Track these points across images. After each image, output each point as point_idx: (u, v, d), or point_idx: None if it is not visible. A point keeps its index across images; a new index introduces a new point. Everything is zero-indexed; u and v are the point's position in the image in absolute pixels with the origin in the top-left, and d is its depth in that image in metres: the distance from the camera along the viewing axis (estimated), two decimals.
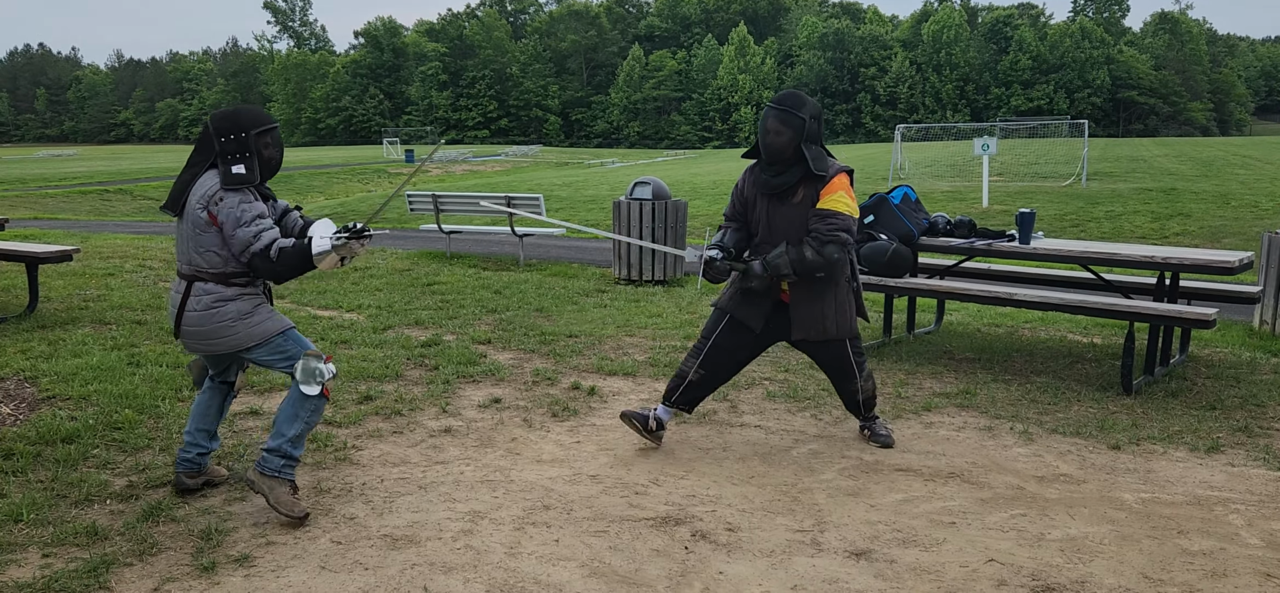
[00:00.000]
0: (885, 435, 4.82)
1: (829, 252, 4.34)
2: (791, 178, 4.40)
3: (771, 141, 4.38)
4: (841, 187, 4.39)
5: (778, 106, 4.39)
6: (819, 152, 4.42)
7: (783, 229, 4.46)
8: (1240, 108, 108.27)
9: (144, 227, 20.01)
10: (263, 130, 3.84)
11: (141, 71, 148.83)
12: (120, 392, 5.47)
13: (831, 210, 4.36)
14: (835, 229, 4.34)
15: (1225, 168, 28.66)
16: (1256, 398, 5.54)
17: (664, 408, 4.76)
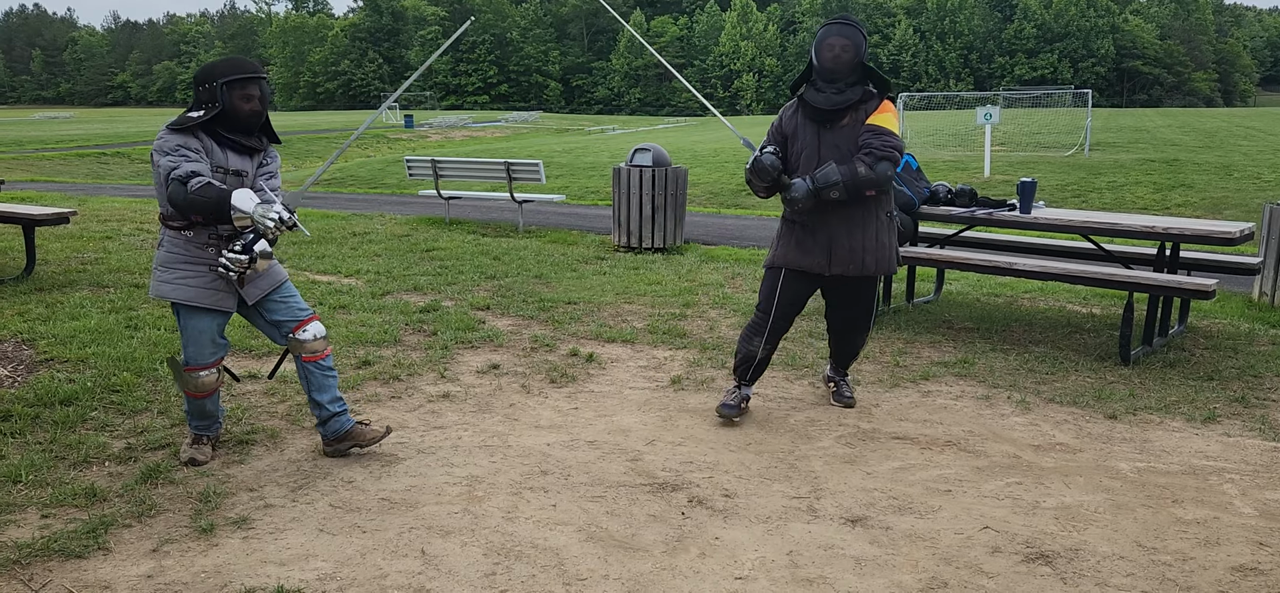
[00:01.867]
0: (850, 396, 4.89)
1: (882, 169, 4.24)
2: (853, 95, 4.31)
3: (838, 56, 4.28)
4: (891, 109, 4.34)
5: (841, 23, 4.35)
6: (874, 71, 4.40)
7: (828, 154, 4.36)
8: (1245, 79, 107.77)
9: (141, 190, 19.95)
10: (234, 79, 3.74)
11: (138, 33, 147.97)
12: (118, 354, 5.47)
13: (884, 127, 4.28)
14: (888, 146, 4.25)
15: (1228, 139, 28.55)
16: (1254, 369, 5.55)
17: (745, 388, 4.74)
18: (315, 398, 4.06)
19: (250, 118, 3.81)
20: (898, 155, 4.29)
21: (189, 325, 3.93)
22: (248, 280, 3.87)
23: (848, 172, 4.24)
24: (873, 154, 4.25)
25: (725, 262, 9.20)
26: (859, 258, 4.44)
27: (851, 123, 4.34)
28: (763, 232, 12.24)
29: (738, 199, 18.50)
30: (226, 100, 3.75)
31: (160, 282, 3.89)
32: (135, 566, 3.20)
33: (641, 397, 5.08)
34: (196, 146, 3.74)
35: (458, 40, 69.67)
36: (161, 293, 3.89)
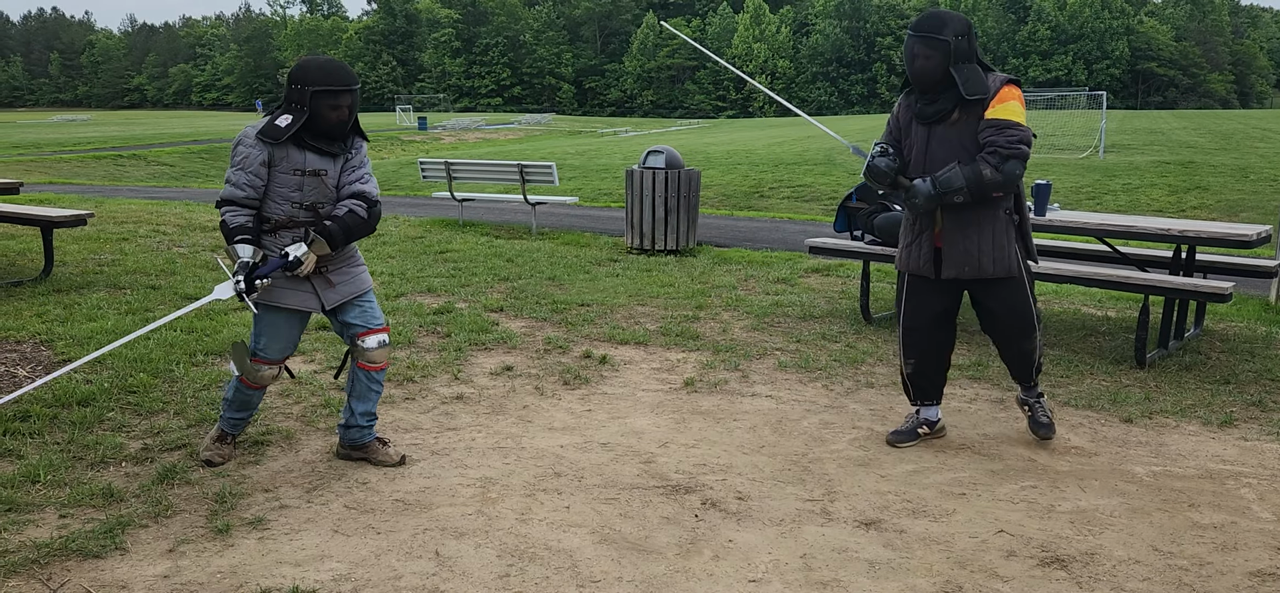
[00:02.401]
0: (1047, 422, 4.37)
1: (1010, 169, 3.90)
2: (947, 103, 4.01)
3: (920, 67, 4.01)
4: (1013, 96, 3.96)
5: (918, 32, 4.03)
6: (972, 70, 4.01)
7: (938, 156, 4.05)
8: (1262, 80, 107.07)
9: (158, 192, 20.08)
10: (322, 90, 3.70)
11: (154, 36, 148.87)
12: (135, 356, 5.51)
13: (1006, 120, 3.92)
14: (1015, 142, 3.90)
15: (1245, 141, 28.37)
16: (1271, 372, 5.51)
17: (921, 409, 4.46)
18: (353, 404, 4.07)
19: (336, 127, 3.78)
20: (1026, 150, 3.94)
21: (266, 318, 3.93)
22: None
23: (972, 174, 3.93)
24: (998, 153, 3.91)
25: (738, 264, 9.19)
26: (975, 260, 4.09)
27: (963, 118, 4.01)
28: (775, 234, 12.23)
29: (750, 201, 18.50)
30: (315, 108, 3.73)
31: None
32: (152, 566, 3.22)
33: (654, 399, 5.08)
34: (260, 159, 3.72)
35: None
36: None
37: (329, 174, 3.85)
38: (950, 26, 4.00)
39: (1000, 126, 3.93)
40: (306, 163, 3.78)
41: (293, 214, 3.81)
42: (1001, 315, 4.21)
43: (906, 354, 4.37)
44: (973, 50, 4.05)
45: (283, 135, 3.71)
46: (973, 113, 4.00)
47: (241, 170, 3.74)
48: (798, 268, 8.91)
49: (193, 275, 8.13)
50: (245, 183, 3.74)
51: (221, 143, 38.64)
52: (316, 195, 3.84)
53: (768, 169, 22.75)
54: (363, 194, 3.90)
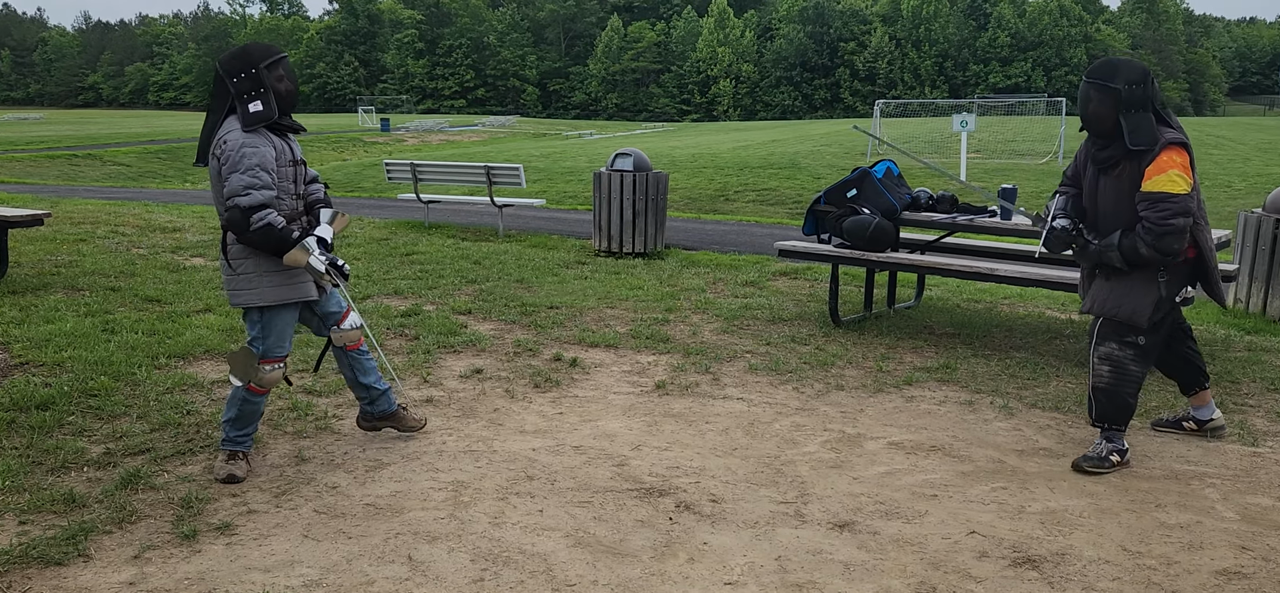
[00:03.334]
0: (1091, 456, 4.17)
1: (1167, 245, 3.92)
2: (1117, 151, 4.04)
3: (1089, 113, 4.06)
4: (1171, 164, 3.93)
5: (1090, 79, 4.07)
6: (1141, 120, 3.98)
7: (1103, 204, 4.15)
8: (1214, 88, 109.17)
9: (115, 192, 19.73)
10: (272, 61, 3.74)
11: (110, 34, 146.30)
12: (95, 358, 5.40)
13: (1159, 193, 3.92)
14: (1167, 218, 3.90)
15: (1199, 148, 28.91)
16: (1231, 375, 5.61)
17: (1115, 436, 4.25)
18: (362, 381, 4.19)
19: (288, 97, 3.81)
20: (1181, 223, 3.91)
21: (273, 322, 3.88)
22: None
23: (1129, 249, 4.02)
24: (1152, 232, 3.93)
25: (706, 267, 9.20)
26: (1102, 300, 4.19)
27: (1127, 172, 4.04)
28: (743, 237, 12.26)
29: (716, 204, 18.54)
30: (271, 84, 3.73)
31: (246, 290, 3.81)
32: (116, 573, 3.15)
33: (626, 401, 5.06)
34: (273, 158, 3.72)
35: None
36: (244, 299, 3.82)
37: (305, 162, 3.96)
38: (1120, 75, 4.01)
39: (1153, 201, 3.94)
40: (295, 152, 3.86)
41: (294, 206, 3.88)
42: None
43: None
44: (1148, 98, 4.01)
45: (270, 115, 3.70)
46: (1134, 166, 4.02)
47: (263, 171, 3.67)
48: (766, 271, 8.93)
49: (153, 277, 7.99)
50: (270, 183, 3.70)
51: (180, 143, 38.08)
52: (302, 183, 3.92)
53: (733, 172, 22.83)
54: (315, 177, 4.07)
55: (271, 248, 3.70)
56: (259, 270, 3.79)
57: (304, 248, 3.74)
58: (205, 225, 11.78)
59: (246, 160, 3.64)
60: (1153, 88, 4.02)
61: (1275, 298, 7.05)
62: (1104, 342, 4.19)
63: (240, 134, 3.68)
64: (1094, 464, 4.13)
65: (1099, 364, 4.19)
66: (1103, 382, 4.17)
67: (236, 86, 3.71)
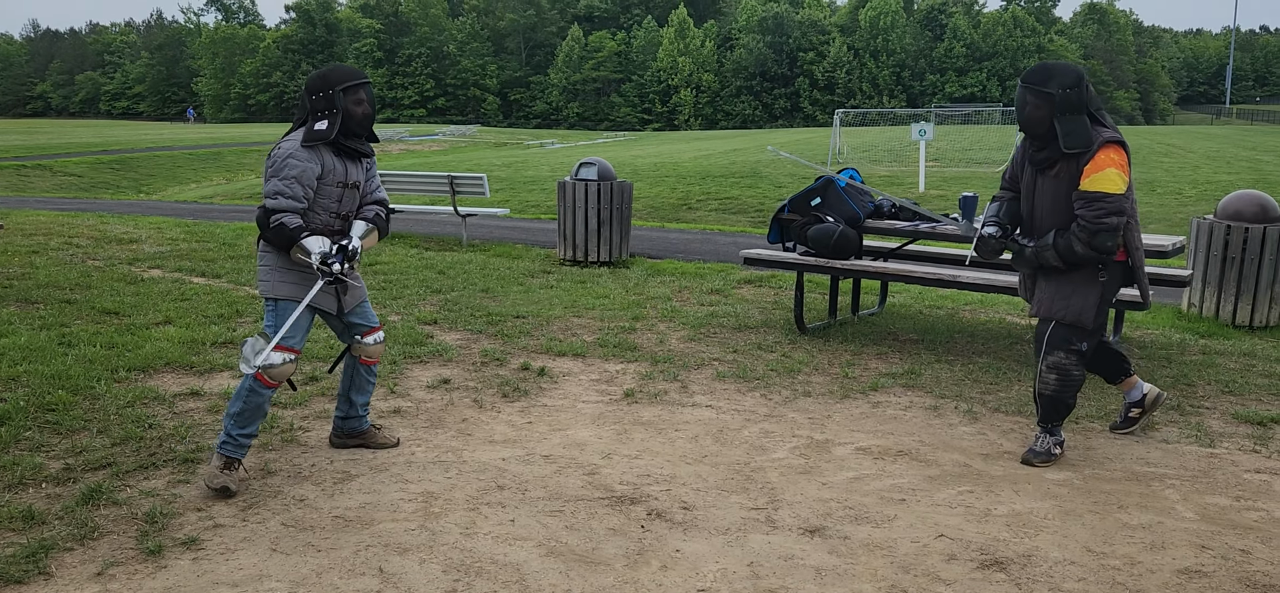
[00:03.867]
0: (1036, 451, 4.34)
1: (1101, 242, 4.04)
2: (1053, 153, 4.14)
3: (1027, 115, 4.14)
4: (1109, 162, 4.03)
5: (1025, 83, 4.16)
6: (1076, 123, 4.08)
7: (1041, 204, 4.25)
8: (1163, 98, 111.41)
9: (67, 203, 19.37)
10: (349, 85, 3.92)
11: (59, 42, 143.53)
12: (52, 372, 5.30)
13: (1096, 192, 4.03)
14: (1102, 216, 4.02)
15: (1150, 156, 29.49)
16: (1187, 378, 5.73)
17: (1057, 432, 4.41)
18: (353, 397, 4.29)
19: (363, 121, 3.99)
20: (1115, 222, 4.04)
21: (285, 312, 3.94)
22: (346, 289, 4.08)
23: (1064, 246, 4.14)
24: (1087, 230, 4.06)
25: (671, 275, 9.23)
26: (1047, 301, 4.29)
27: (1064, 173, 4.15)
28: (707, 245, 12.31)
29: (679, 213, 18.59)
30: (344, 106, 3.89)
31: (263, 280, 3.97)
32: (79, 590, 3.09)
33: (595, 410, 5.06)
34: (315, 174, 3.87)
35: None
36: (263, 288, 3.96)
37: (361, 184, 4.07)
38: (1057, 79, 4.09)
39: (1089, 200, 4.05)
40: (347, 175, 3.99)
41: (329, 222, 4.00)
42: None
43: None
44: (1083, 101, 4.10)
45: (329, 136, 3.86)
46: (1070, 167, 4.13)
47: (297, 183, 3.84)
48: (731, 279, 8.97)
49: (110, 289, 7.86)
50: (301, 195, 3.87)
51: (133, 154, 37.48)
52: (350, 206, 4.06)
53: (695, 181, 22.90)
54: (382, 201, 4.23)
55: (282, 243, 3.87)
56: (275, 265, 3.95)
57: (302, 247, 3.84)
58: (162, 236, 11.61)
59: (287, 170, 3.85)
60: (1087, 91, 4.12)
61: (1228, 302, 7.22)
62: (1052, 352, 4.29)
63: (294, 146, 3.86)
64: (1041, 459, 4.33)
65: (1047, 373, 4.31)
66: (1049, 389, 4.31)
67: (312, 104, 3.91)
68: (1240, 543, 3.53)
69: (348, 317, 4.19)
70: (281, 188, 3.84)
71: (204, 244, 10.93)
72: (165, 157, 37.41)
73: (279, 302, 3.95)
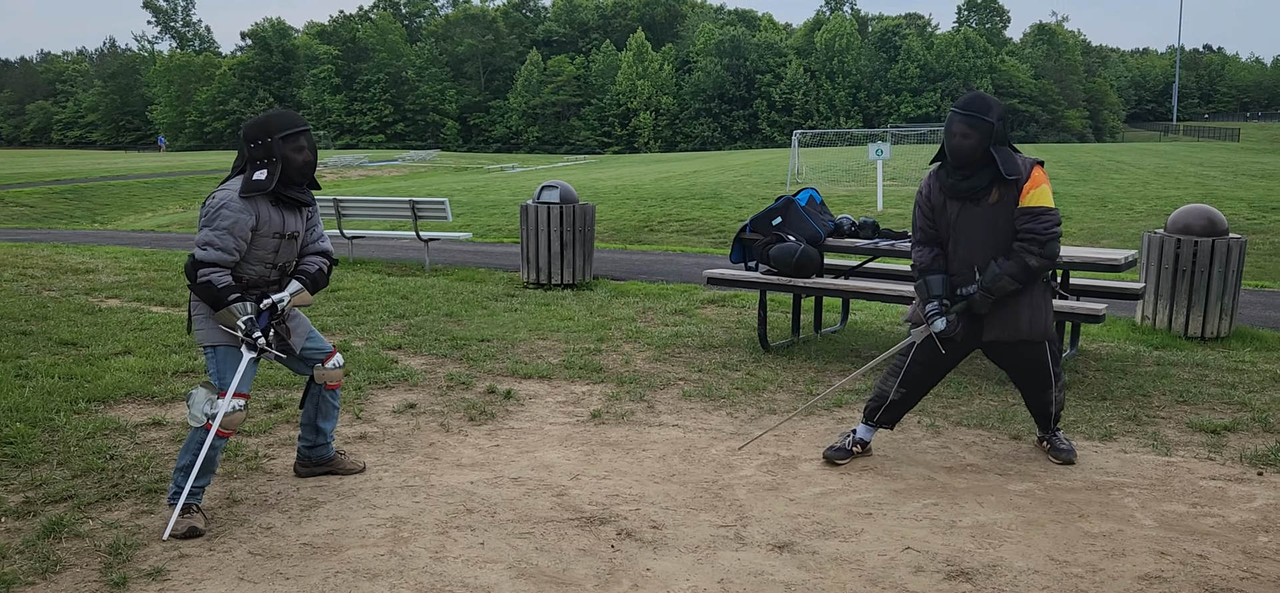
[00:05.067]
0: (1067, 449, 4.57)
1: (1052, 250, 4.20)
2: (982, 181, 4.24)
3: (958, 145, 4.21)
4: (1042, 180, 4.24)
5: (964, 111, 4.23)
6: (1008, 153, 4.27)
7: (979, 232, 4.29)
8: (1113, 115, 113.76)
9: (20, 233, 19.03)
10: (288, 134, 3.84)
11: (10, 71, 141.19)
12: (9, 405, 5.21)
13: (1040, 206, 4.20)
14: (1050, 226, 4.19)
15: (1102, 172, 30.11)
16: (1142, 388, 5.85)
17: (864, 427, 4.64)
18: (320, 424, 4.25)
19: (303, 169, 3.89)
20: (1059, 231, 4.23)
21: (226, 358, 3.86)
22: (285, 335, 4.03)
23: (1018, 268, 4.21)
24: (1038, 240, 4.19)
25: (636, 296, 9.26)
26: (1012, 323, 4.34)
27: (1001, 199, 4.25)
28: (670, 267, 12.36)
29: (640, 235, 18.65)
30: (283, 154, 3.81)
31: (199, 329, 3.87)
32: None
33: (562, 432, 5.07)
34: (249, 225, 3.77)
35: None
36: (209, 339, 3.85)
37: (300, 234, 3.99)
38: (993, 111, 4.22)
39: (1035, 214, 4.20)
40: (285, 226, 3.90)
41: (265, 274, 3.92)
42: (1023, 372, 4.49)
43: (903, 383, 4.50)
44: (1006, 134, 4.28)
45: (268, 186, 3.77)
46: (1010, 192, 4.24)
47: (230, 234, 3.74)
48: (694, 299, 9.03)
49: (68, 320, 7.74)
50: (233, 247, 3.77)
51: (87, 183, 36.91)
52: (289, 256, 3.97)
53: (656, 203, 23.00)
54: (326, 252, 4.17)
55: (209, 302, 3.76)
56: (207, 312, 3.85)
57: (233, 311, 3.74)
58: (119, 266, 11.44)
59: (219, 221, 3.74)
60: (1007, 124, 4.33)
61: (1180, 314, 7.39)
62: (1059, 377, 4.49)
63: (230, 195, 3.76)
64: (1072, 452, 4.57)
65: (1058, 394, 4.53)
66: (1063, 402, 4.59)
67: (250, 152, 3.83)
68: (1198, 549, 3.61)
69: (301, 351, 4.14)
70: (212, 239, 3.73)
71: (162, 273, 10.79)
72: (120, 185, 36.87)
73: (218, 348, 3.85)
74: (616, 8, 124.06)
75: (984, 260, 4.32)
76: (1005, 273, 4.23)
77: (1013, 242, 4.27)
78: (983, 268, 4.31)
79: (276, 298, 3.90)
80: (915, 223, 4.54)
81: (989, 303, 4.31)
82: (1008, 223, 4.27)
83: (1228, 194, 21.07)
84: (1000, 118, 4.24)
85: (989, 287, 4.26)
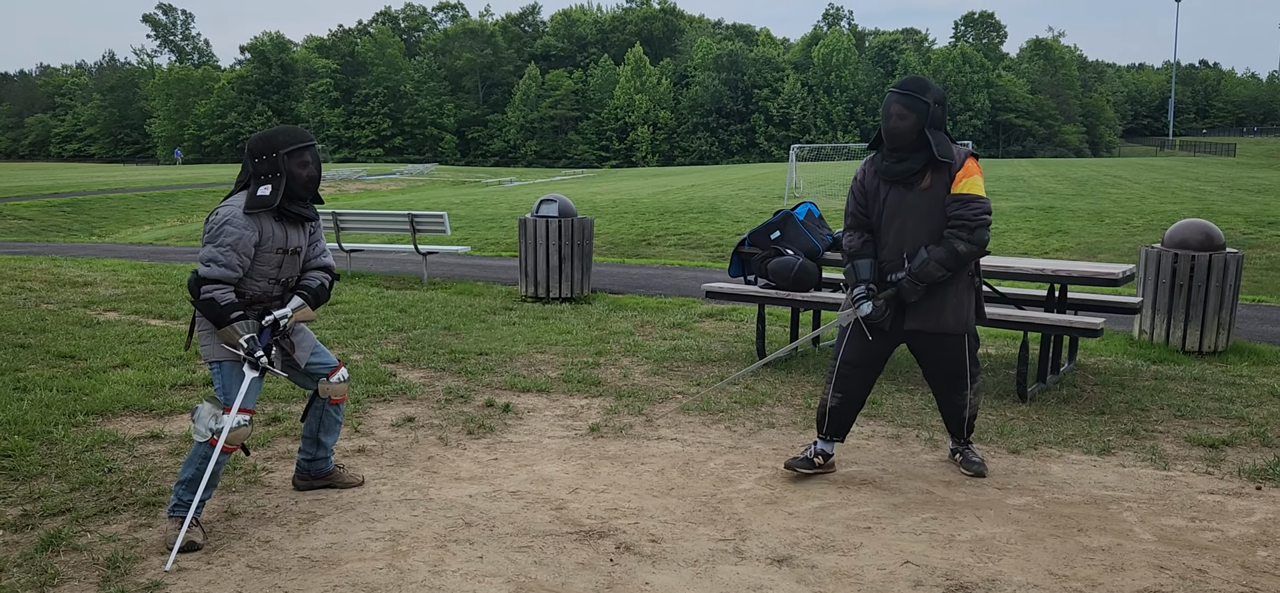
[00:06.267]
0: (977, 463, 4.56)
1: (980, 237, 4.18)
2: (916, 164, 4.22)
3: (894, 126, 4.19)
4: (975, 170, 4.23)
5: (901, 91, 4.21)
6: (943, 137, 4.25)
7: (910, 217, 4.26)
8: (1109, 130, 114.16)
9: (18, 246, 19.03)
10: (294, 149, 3.84)
11: (9, 85, 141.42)
12: (8, 418, 5.20)
13: (971, 194, 4.19)
14: (980, 213, 4.18)
15: (1098, 187, 30.18)
16: (1140, 403, 5.86)
17: (821, 442, 4.59)
18: (322, 438, 4.24)
19: (308, 184, 3.90)
20: (989, 219, 4.21)
21: (231, 373, 3.85)
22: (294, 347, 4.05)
23: (947, 255, 4.19)
24: (967, 226, 4.18)
25: (633, 310, 9.27)
26: (937, 314, 4.32)
27: (934, 184, 4.24)
28: (667, 280, 12.38)
29: (638, 249, 18.67)
30: (289, 169, 3.81)
31: (204, 345, 3.87)
32: None
33: (561, 445, 5.07)
34: (252, 241, 3.78)
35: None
36: (214, 355, 3.84)
37: (303, 250, 4.00)
38: (930, 92, 4.22)
39: (965, 201, 4.19)
40: (288, 242, 3.91)
41: (268, 289, 3.93)
42: (941, 367, 4.48)
43: (836, 388, 4.51)
44: (943, 120, 4.27)
45: (273, 202, 3.77)
46: (942, 177, 4.23)
47: (233, 251, 3.74)
48: (692, 313, 9.03)
49: (66, 332, 7.74)
50: (236, 264, 3.77)
51: (86, 196, 36.92)
52: (291, 272, 3.98)
53: (654, 217, 23.06)
54: (328, 268, 4.17)
55: (211, 319, 3.76)
56: (212, 328, 3.85)
57: (235, 330, 3.74)
58: (117, 279, 11.44)
59: (223, 237, 3.74)
60: (945, 111, 4.31)
61: (1177, 328, 7.40)
62: (975, 378, 4.51)
63: (234, 211, 3.76)
64: (982, 466, 4.57)
65: (974, 398, 4.54)
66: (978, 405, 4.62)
67: (255, 167, 3.83)
68: (1197, 563, 3.61)
69: (306, 365, 4.14)
70: (216, 255, 3.73)
71: (160, 286, 10.79)
72: (118, 199, 36.89)
73: (224, 364, 3.85)
74: (614, 23, 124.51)
75: (914, 247, 4.28)
76: (934, 259, 4.20)
77: (944, 229, 4.25)
78: (912, 254, 4.28)
79: (278, 314, 3.89)
80: (847, 209, 4.52)
81: (918, 290, 4.26)
82: (939, 209, 4.24)
83: (1224, 209, 21.12)
84: (937, 101, 4.23)
85: (918, 273, 4.23)
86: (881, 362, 4.52)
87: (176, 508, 3.76)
